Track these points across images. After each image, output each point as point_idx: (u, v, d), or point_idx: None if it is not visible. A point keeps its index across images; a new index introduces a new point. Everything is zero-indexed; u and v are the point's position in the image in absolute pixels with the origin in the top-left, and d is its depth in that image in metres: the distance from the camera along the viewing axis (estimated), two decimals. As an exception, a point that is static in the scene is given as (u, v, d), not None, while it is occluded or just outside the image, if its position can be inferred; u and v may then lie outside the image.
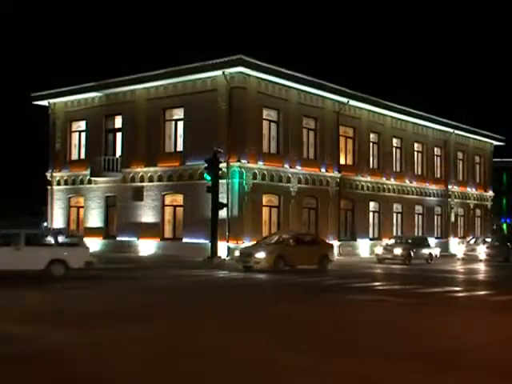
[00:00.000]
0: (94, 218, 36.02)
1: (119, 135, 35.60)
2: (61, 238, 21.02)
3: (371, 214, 39.38)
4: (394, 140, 41.54)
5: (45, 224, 39.69)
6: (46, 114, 38.87)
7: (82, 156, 37.20)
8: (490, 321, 12.79)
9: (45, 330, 10.33)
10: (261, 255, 24.10)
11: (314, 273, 23.86)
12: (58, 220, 37.75)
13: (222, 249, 29.14)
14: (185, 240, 31.57)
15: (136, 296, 15.81)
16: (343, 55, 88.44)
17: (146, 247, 33.10)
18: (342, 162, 36.98)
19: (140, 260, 29.28)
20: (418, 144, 43.77)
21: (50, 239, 20.27)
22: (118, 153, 35.25)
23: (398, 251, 31.54)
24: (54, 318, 11.97)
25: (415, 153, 43.57)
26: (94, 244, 35.24)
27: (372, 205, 39.36)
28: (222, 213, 28.74)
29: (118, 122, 35.64)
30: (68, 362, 8.20)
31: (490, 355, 9.10)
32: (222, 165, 28.64)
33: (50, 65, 74.10)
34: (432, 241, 38.90)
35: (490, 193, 52.28)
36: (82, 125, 37.38)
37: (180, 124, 33.03)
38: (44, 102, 38.45)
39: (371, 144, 39.41)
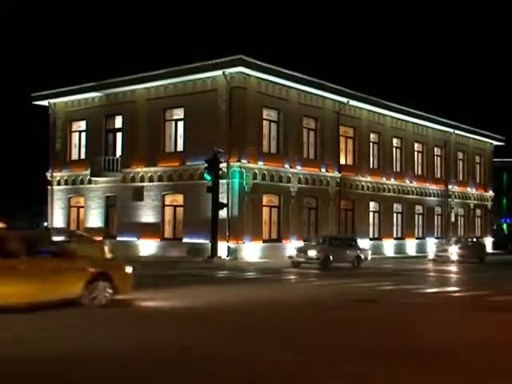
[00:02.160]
0: (94, 218, 36.01)
1: (119, 135, 35.62)
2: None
3: (371, 214, 39.38)
4: (394, 140, 41.56)
5: (45, 224, 39.72)
6: (46, 114, 38.88)
7: (82, 156, 37.20)
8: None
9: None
10: None
11: None
12: (58, 220, 37.73)
13: (223, 249, 29.15)
14: (185, 240, 31.56)
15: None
16: (343, 55, 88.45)
17: (146, 247, 33.09)
18: (342, 161, 36.98)
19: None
20: (418, 144, 43.79)
21: None
22: (118, 153, 35.26)
23: (312, 253, 26.07)
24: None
25: (415, 153, 43.58)
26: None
27: (372, 205, 39.36)
28: (222, 213, 28.74)
29: (118, 121, 35.65)
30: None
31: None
32: (222, 165, 28.64)
33: (50, 65, 74.15)
34: (366, 242, 35.56)
35: (490, 193, 52.29)
36: (82, 125, 37.39)
37: (180, 124, 33.04)
38: (44, 102, 38.45)
39: (371, 144, 39.42)
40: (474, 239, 38.29)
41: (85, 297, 12.32)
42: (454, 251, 34.04)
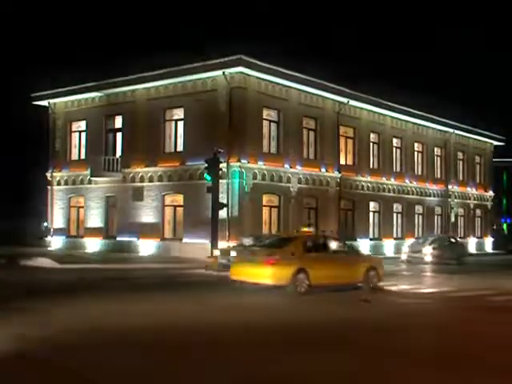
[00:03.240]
0: (94, 218, 36.00)
1: (119, 135, 35.61)
2: None
3: (371, 214, 39.37)
4: (394, 140, 41.56)
5: (45, 224, 39.71)
6: (46, 114, 38.87)
7: (82, 156, 37.20)
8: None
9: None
10: None
11: None
12: (58, 220, 37.74)
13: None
14: (185, 240, 31.56)
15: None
16: (343, 55, 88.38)
17: (146, 247, 33.09)
18: (342, 162, 36.97)
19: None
20: (418, 144, 43.79)
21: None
22: (118, 153, 35.26)
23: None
24: None
25: (415, 153, 43.59)
26: (94, 244, 35.33)
27: (372, 205, 39.35)
28: (222, 213, 28.70)
29: (118, 121, 35.65)
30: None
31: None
32: (222, 165, 28.59)
33: (50, 64, 74.07)
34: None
35: (490, 193, 52.28)
36: (82, 125, 37.39)
37: (180, 124, 33.03)
38: (44, 102, 38.44)
39: (371, 144, 39.42)
40: (453, 239, 36.36)
41: (363, 282, 17.29)
42: (428, 252, 31.81)
